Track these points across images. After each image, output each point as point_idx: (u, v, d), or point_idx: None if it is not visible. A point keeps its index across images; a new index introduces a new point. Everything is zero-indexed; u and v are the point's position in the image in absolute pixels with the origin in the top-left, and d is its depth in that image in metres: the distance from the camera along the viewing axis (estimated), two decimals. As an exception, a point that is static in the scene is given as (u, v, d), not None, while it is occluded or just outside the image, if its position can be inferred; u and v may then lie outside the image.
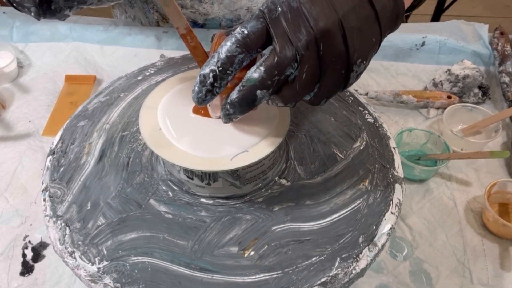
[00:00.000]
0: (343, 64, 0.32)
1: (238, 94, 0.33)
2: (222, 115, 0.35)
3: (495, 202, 0.61)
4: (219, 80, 0.33)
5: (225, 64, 0.32)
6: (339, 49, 0.32)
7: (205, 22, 0.82)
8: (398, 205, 0.42)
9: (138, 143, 0.47)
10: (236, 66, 0.32)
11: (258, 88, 0.32)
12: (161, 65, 0.57)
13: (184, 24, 0.37)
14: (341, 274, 0.37)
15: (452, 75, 0.73)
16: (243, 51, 0.32)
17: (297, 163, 0.45)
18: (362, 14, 0.32)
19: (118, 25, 0.85)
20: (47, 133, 0.70)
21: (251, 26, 0.32)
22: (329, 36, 0.31)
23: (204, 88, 0.33)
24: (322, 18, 0.31)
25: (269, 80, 0.32)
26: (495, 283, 0.53)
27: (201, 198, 0.42)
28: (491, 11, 2.17)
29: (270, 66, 0.32)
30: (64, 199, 0.42)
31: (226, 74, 0.33)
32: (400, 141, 0.66)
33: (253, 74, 0.32)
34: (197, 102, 0.34)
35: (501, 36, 0.79)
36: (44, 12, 0.36)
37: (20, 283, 0.53)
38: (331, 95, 0.34)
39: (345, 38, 0.31)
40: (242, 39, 0.32)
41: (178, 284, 0.36)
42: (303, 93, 0.33)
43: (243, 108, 0.34)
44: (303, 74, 0.32)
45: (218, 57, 0.32)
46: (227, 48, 0.32)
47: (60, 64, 0.82)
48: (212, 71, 0.32)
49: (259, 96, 0.33)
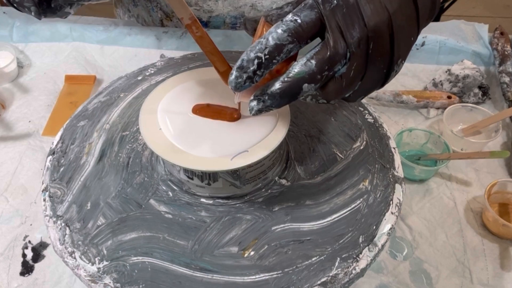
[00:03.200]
0: (386, 63, 0.32)
1: (282, 85, 0.31)
2: (255, 105, 0.33)
3: (495, 202, 0.61)
4: (262, 68, 0.31)
5: (272, 52, 0.30)
6: (386, 48, 0.31)
7: (209, 20, 0.82)
8: (398, 205, 0.42)
9: (138, 143, 0.47)
10: (283, 56, 0.31)
11: (306, 82, 0.31)
12: (161, 65, 0.57)
13: (189, 14, 0.36)
14: (341, 274, 0.37)
15: (452, 75, 0.73)
16: (293, 40, 0.30)
17: (297, 163, 0.45)
18: (407, 13, 0.32)
19: (118, 25, 0.85)
20: (47, 133, 0.70)
21: (305, 15, 0.31)
22: (380, 35, 0.31)
23: (245, 74, 0.31)
24: (375, 16, 0.30)
25: (319, 74, 0.31)
26: (495, 283, 0.53)
27: (201, 198, 0.42)
28: (491, 11, 2.17)
29: (322, 60, 0.31)
30: (64, 199, 0.42)
31: (272, 63, 0.31)
32: (400, 141, 0.66)
33: (303, 66, 0.31)
34: (234, 87, 0.32)
35: (501, 36, 0.79)
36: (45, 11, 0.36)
37: (20, 283, 0.53)
38: (369, 93, 0.34)
39: (391, 37, 0.31)
40: (295, 28, 0.30)
41: (178, 284, 0.36)
42: (348, 90, 0.33)
43: (283, 100, 0.32)
44: (351, 72, 0.31)
45: (266, 43, 0.30)
46: (277, 35, 0.30)
47: (60, 64, 0.82)
48: (257, 57, 0.30)
49: (305, 90, 0.31)
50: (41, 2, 0.35)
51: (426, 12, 0.33)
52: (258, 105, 0.33)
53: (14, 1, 0.35)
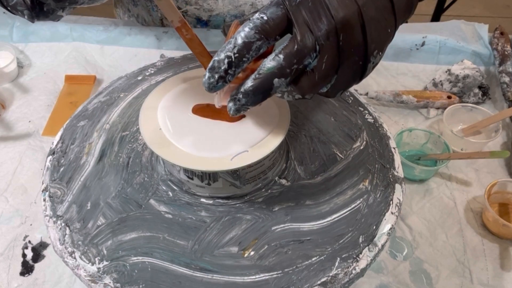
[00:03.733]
0: (361, 55, 0.32)
1: (254, 82, 0.32)
2: (232, 105, 0.34)
3: (495, 202, 0.61)
4: (233, 67, 0.31)
5: (241, 51, 0.31)
6: (358, 40, 0.32)
7: (209, 19, 0.82)
8: (398, 205, 0.42)
9: (138, 143, 0.47)
10: (252, 53, 0.31)
11: (276, 76, 0.31)
12: (161, 65, 0.57)
13: (178, 17, 0.36)
14: (341, 274, 0.37)
15: (452, 75, 0.73)
16: (261, 37, 0.31)
17: (297, 163, 0.45)
18: (380, 4, 0.32)
19: (118, 25, 0.85)
20: (47, 133, 0.70)
21: (271, 12, 0.31)
22: (349, 27, 0.31)
23: (217, 75, 0.31)
24: (343, 8, 0.31)
25: (288, 68, 0.31)
26: (495, 283, 0.53)
27: (201, 198, 0.42)
28: (491, 11, 2.17)
29: (290, 54, 0.31)
30: (64, 199, 0.42)
31: (242, 61, 0.31)
32: (400, 141, 0.66)
33: (271, 61, 0.31)
34: (208, 88, 0.32)
35: (501, 36, 0.79)
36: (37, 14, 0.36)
37: (20, 283, 0.53)
38: (348, 87, 0.34)
39: (363, 29, 0.31)
40: (261, 25, 0.31)
41: (178, 284, 0.36)
42: (321, 84, 0.33)
43: (257, 97, 0.33)
44: (322, 65, 0.32)
45: (235, 42, 0.31)
46: (245, 33, 0.31)
47: (60, 64, 0.82)
48: (227, 57, 0.31)
49: (276, 85, 0.32)
50: (34, 6, 0.36)
51: (402, 4, 0.33)
52: (235, 105, 0.33)
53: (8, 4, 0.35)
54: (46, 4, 0.36)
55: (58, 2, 0.35)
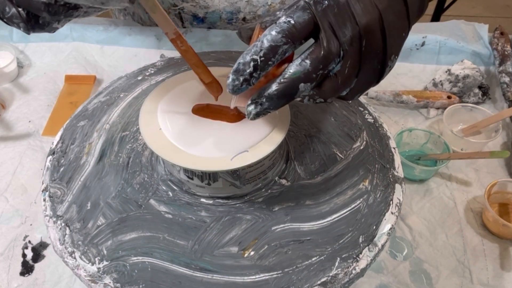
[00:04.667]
0: (380, 59, 0.33)
1: (279, 87, 0.32)
2: (252, 109, 0.33)
3: (495, 202, 0.61)
4: (259, 70, 0.31)
5: (267, 54, 0.31)
6: (379, 45, 0.32)
7: (205, 15, 0.82)
8: (398, 205, 0.42)
9: (138, 143, 0.47)
10: (278, 57, 0.31)
11: (301, 81, 0.32)
12: (161, 65, 0.57)
13: (173, 29, 0.37)
14: (341, 274, 0.37)
15: (452, 75, 0.73)
16: (288, 41, 0.31)
17: (297, 163, 0.45)
18: (397, 9, 0.33)
19: (118, 25, 0.85)
20: (47, 133, 0.70)
21: (298, 17, 0.31)
22: (371, 32, 0.32)
23: (242, 77, 0.31)
24: (366, 14, 0.31)
25: (314, 73, 0.31)
26: (495, 283, 0.53)
27: (201, 198, 0.42)
28: (491, 11, 2.17)
29: (316, 59, 0.31)
30: (64, 199, 0.42)
31: (267, 65, 0.31)
32: (400, 141, 0.66)
33: (298, 66, 0.31)
34: (232, 90, 0.32)
35: (501, 36, 0.79)
36: (33, 26, 0.37)
37: (20, 283, 0.53)
38: (365, 90, 0.35)
39: (383, 34, 0.32)
40: (288, 29, 0.31)
41: (178, 284, 0.36)
42: (343, 88, 0.33)
43: (280, 101, 0.33)
44: (345, 69, 0.32)
45: (261, 46, 0.31)
46: (271, 37, 0.31)
47: (60, 64, 0.82)
48: (253, 60, 0.31)
49: (301, 90, 0.32)
50: (30, 19, 0.36)
51: (415, 7, 0.34)
52: (256, 108, 0.33)
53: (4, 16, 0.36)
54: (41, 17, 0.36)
55: (53, 16, 0.36)
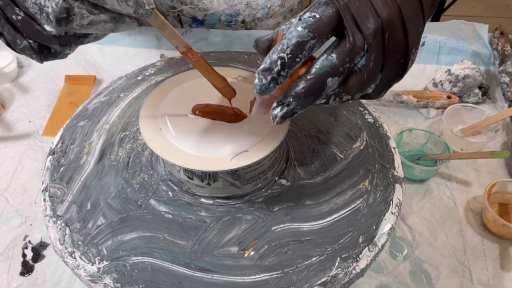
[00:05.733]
0: (402, 53, 0.33)
1: (306, 84, 0.31)
2: (279, 111, 0.32)
3: (495, 202, 0.61)
4: (286, 68, 0.31)
5: (295, 51, 0.30)
6: (401, 38, 0.33)
7: (204, 18, 0.82)
8: (398, 205, 0.42)
9: (138, 143, 0.47)
10: (305, 53, 0.31)
11: (329, 76, 0.31)
12: (161, 65, 0.57)
13: (183, 43, 0.37)
14: (341, 274, 0.37)
15: (452, 75, 0.73)
16: (315, 36, 0.31)
17: (297, 163, 0.45)
18: (413, 4, 0.33)
19: (118, 25, 0.85)
20: (47, 133, 0.70)
21: (322, 11, 0.31)
22: (393, 25, 0.32)
23: (270, 76, 0.31)
24: (386, 7, 0.32)
25: (341, 67, 0.31)
26: (495, 283, 0.53)
27: (201, 198, 0.42)
28: (491, 11, 2.17)
29: (343, 53, 0.31)
30: (64, 199, 0.42)
31: (295, 62, 0.31)
32: (400, 141, 0.66)
33: (324, 61, 0.31)
34: (259, 91, 0.31)
35: (501, 36, 0.79)
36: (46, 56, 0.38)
37: (20, 283, 0.53)
38: (390, 86, 0.35)
39: (404, 27, 0.32)
40: (315, 23, 0.31)
41: (178, 284, 0.36)
42: (369, 83, 0.33)
43: (308, 100, 0.32)
44: (370, 63, 0.32)
45: (288, 43, 0.30)
46: (298, 33, 0.30)
47: (60, 64, 0.81)
48: (280, 58, 0.30)
49: (329, 85, 0.32)
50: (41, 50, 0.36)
51: (428, 4, 0.35)
52: (282, 110, 0.32)
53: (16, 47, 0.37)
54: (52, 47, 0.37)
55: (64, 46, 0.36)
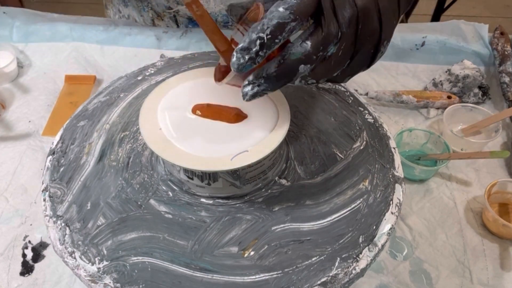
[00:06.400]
0: (373, 44, 0.33)
1: (278, 68, 0.31)
2: (249, 90, 0.33)
3: (495, 202, 0.61)
4: (265, 49, 0.30)
5: (274, 32, 0.30)
6: (374, 28, 0.33)
7: None
8: (398, 205, 0.42)
9: (138, 143, 0.47)
10: (285, 35, 0.30)
11: (302, 63, 0.31)
12: (161, 65, 0.57)
13: None
14: (341, 274, 0.37)
15: (452, 75, 0.73)
16: (296, 18, 0.30)
17: (297, 163, 0.45)
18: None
19: (118, 25, 0.85)
20: (47, 133, 0.70)
21: None
22: (368, 14, 0.32)
23: (247, 56, 0.30)
24: None
25: (315, 55, 0.31)
26: (495, 283, 0.53)
27: (201, 198, 0.42)
28: (491, 11, 2.17)
29: (317, 41, 0.31)
30: (64, 199, 0.42)
31: (274, 43, 0.30)
32: (400, 141, 0.66)
33: (298, 47, 0.31)
34: (237, 69, 0.31)
35: (501, 36, 0.79)
36: None
37: (20, 283, 0.53)
38: (356, 73, 0.35)
39: (379, 18, 0.32)
40: (297, 5, 0.30)
41: (178, 284, 0.36)
42: (335, 70, 0.33)
43: (279, 83, 0.32)
44: (340, 51, 0.32)
45: (268, 23, 0.30)
46: (279, 14, 0.30)
47: (60, 64, 0.82)
48: (259, 38, 0.30)
49: (301, 71, 0.32)
50: None
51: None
52: (253, 89, 0.33)
53: None
54: None
55: None
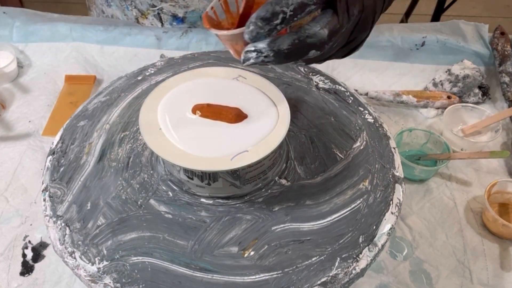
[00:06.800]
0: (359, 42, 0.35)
1: (291, 47, 0.31)
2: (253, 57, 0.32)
3: (495, 202, 0.61)
4: (284, 23, 0.30)
5: (297, 10, 0.30)
6: (368, 27, 0.34)
7: (185, 15, 0.81)
8: (398, 205, 0.42)
9: (138, 143, 0.47)
10: (303, 15, 0.31)
11: (314, 48, 0.31)
12: (161, 65, 0.57)
13: None
14: (341, 274, 0.37)
15: (452, 75, 0.73)
16: (316, 2, 0.30)
17: (297, 163, 0.45)
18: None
19: (118, 25, 0.85)
20: (47, 133, 0.70)
21: None
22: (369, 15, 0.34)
23: (268, 27, 0.30)
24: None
25: (327, 44, 0.32)
26: (495, 283, 0.53)
27: (201, 198, 0.42)
28: (491, 11, 2.17)
29: (333, 31, 0.31)
30: (64, 199, 0.42)
31: (292, 20, 0.30)
32: (400, 141, 0.66)
33: (317, 33, 0.31)
34: (251, 37, 0.31)
35: (501, 36, 0.79)
36: None
37: (20, 283, 0.53)
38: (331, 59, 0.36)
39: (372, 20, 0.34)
40: None
41: (178, 284, 0.36)
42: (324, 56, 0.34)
43: (287, 60, 0.32)
44: (335, 43, 0.33)
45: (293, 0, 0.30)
46: None
47: (60, 64, 0.82)
48: (283, 12, 0.30)
49: (309, 55, 0.32)
50: None
51: None
52: (258, 58, 0.32)
53: None
54: None
55: None
